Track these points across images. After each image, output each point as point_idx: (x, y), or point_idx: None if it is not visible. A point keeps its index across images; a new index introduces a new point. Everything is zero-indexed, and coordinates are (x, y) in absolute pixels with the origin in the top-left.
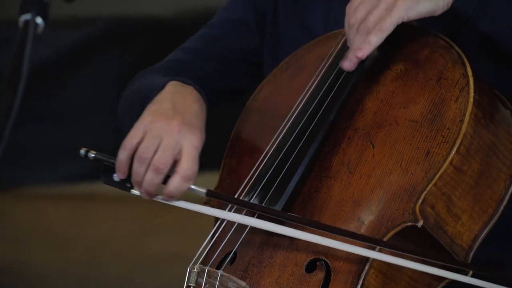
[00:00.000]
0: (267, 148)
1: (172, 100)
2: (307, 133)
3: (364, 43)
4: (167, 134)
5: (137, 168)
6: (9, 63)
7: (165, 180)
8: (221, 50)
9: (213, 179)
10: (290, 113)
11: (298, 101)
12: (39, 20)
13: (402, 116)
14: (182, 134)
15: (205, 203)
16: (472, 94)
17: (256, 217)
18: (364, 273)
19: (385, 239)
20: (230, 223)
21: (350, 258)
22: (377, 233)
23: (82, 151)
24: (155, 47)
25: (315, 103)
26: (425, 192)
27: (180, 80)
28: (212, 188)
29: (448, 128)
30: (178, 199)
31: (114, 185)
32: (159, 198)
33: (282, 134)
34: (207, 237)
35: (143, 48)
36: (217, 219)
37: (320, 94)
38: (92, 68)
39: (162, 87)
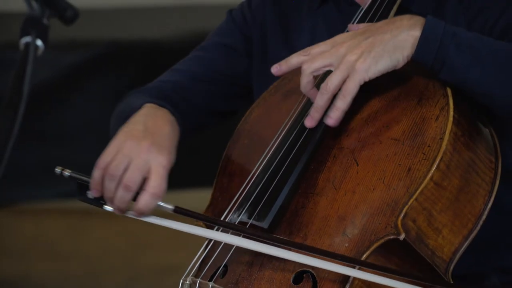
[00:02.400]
0: (255, 167)
1: (144, 122)
2: (294, 152)
3: (333, 110)
4: (136, 154)
5: (108, 185)
6: (10, 84)
7: (136, 198)
8: (211, 72)
9: (206, 196)
10: (278, 134)
11: (285, 122)
12: (39, 42)
13: (384, 134)
14: (151, 154)
15: (196, 224)
16: (451, 113)
17: (242, 237)
18: (349, 283)
19: (367, 253)
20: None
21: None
22: (361, 245)
23: (58, 170)
24: (151, 69)
25: (301, 123)
26: (406, 206)
27: (156, 103)
28: (205, 206)
29: (428, 146)
30: (148, 215)
31: (88, 201)
32: (130, 214)
33: (269, 154)
34: (199, 250)
35: (139, 70)
36: None
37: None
38: (90, 89)
39: (138, 108)
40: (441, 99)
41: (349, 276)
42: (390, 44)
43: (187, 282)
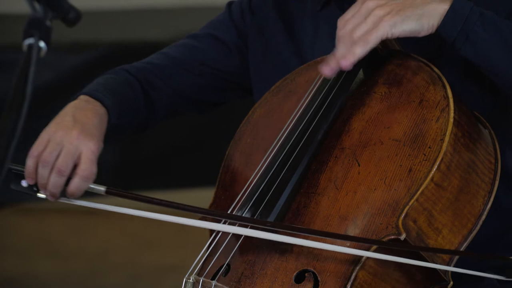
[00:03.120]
0: (258, 167)
1: (73, 113)
2: (296, 152)
3: (348, 53)
4: (67, 141)
5: (42, 172)
6: (13, 85)
7: (67, 183)
8: (197, 63)
9: (209, 195)
10: (280, 134)
11: (288, 122)
12: (42, 44)
13: (386, 135)
14: (81, 141)
15: (202, 218)
16: (452, 114)
17: (250, 228)
18: (350, 283)
19: (370, 251)
20: (224, 237)
21: (336, 270)
22: (362, 245)
23: None
24: None
25: (303, 124)
26: (407, 207)
27: (92, 95)
28: (209, 203)
29: (429, 147)
30: (78, 198)
31: (22, 190)
32: (63, 199)
33: (272, 153)
34: (202, 249)
35: None
36: (211, 232)
37: (308, 115)
38: None
39: (75, 99)
40: (441, 101)
41: (350, 276)
42: (419, 9)
43: (190, 280)
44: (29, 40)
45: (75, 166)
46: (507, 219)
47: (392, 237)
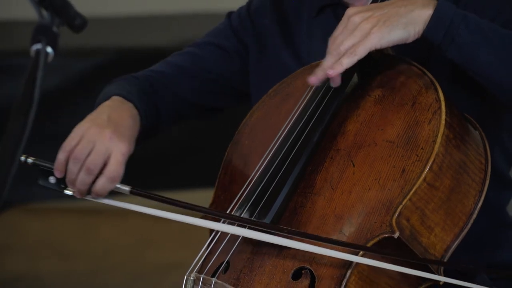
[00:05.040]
0: (256, 168)
1: (108, 112)
2: (293, 153)
3: (336, 63)
4: (100, 140)
5: (72, 167)
6: (21, 89)
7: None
8: (199, 69)
9: (209, 195)
10: (278, 136)
11: (285, 125)
12: (49, 49)
13: (380, 137)
14: (113, 142)
15: (203, 217)
16: (444, 116)
17: (248, 228)
18: (345, 279)
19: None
20: (224, 235)
21: (332, 266)
22: (357, 243)
23: (22, 158)
24: None
25: (300, 126)
26: (401, 206)
27: (124, 96)
28: (209, 203)
29: (422, 148)
30: (105, 197)
31: (50, 186)
32: (89, 197)
33: (270, 155)
34: (202, 248)
35: None
36: (211, 231)
37: (305, 118)
38: (98, 95)
39: (107, 99)
40: (433, 103)
41: (345, 273)
42: (404, 18)
43: (191, 278)
44: (37, 46)
45: (104, 165)
46: (497, 217)
47: (386, 235)
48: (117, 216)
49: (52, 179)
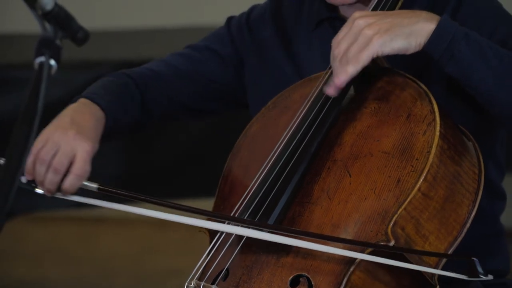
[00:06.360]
0: (255, 178)
1: (71, 115)
2: (291, 164)
3: (341, 71)
4: (64, 141)
5: (39, 169)
6: (25, 101)
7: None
8: (194, 72)
9: (209, 205)
10: (276, 147)
11: (283, 136)
12: (52, 62)
13: (376, 148)
14: (77, 141)
15: (208, 219)
16: (438, 128)
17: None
18: (342, 286)
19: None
20: (224, 243)
21: (330, 274)
22: (354, 251)
23: None
24: None
25: (298, 138)
26: (396, 215)
27: (91, 99)
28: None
29: (416, 159)
30: (73, 194)
31: (22, 186)
32: (59, 195)
33: (269, 165)
34: (203, 255)
35: None
36: (212, 239)
37: (303, 130)
38: None
39: (75, 101)
40: (428, 115)
41: (342, 281)
42: (407, 28)
43: (192, 285)
44: (40, 59)
45: (70, 165)
46: (490, 226)
47: (382, 243)
48: (119, 224)
49: (23, 179)
